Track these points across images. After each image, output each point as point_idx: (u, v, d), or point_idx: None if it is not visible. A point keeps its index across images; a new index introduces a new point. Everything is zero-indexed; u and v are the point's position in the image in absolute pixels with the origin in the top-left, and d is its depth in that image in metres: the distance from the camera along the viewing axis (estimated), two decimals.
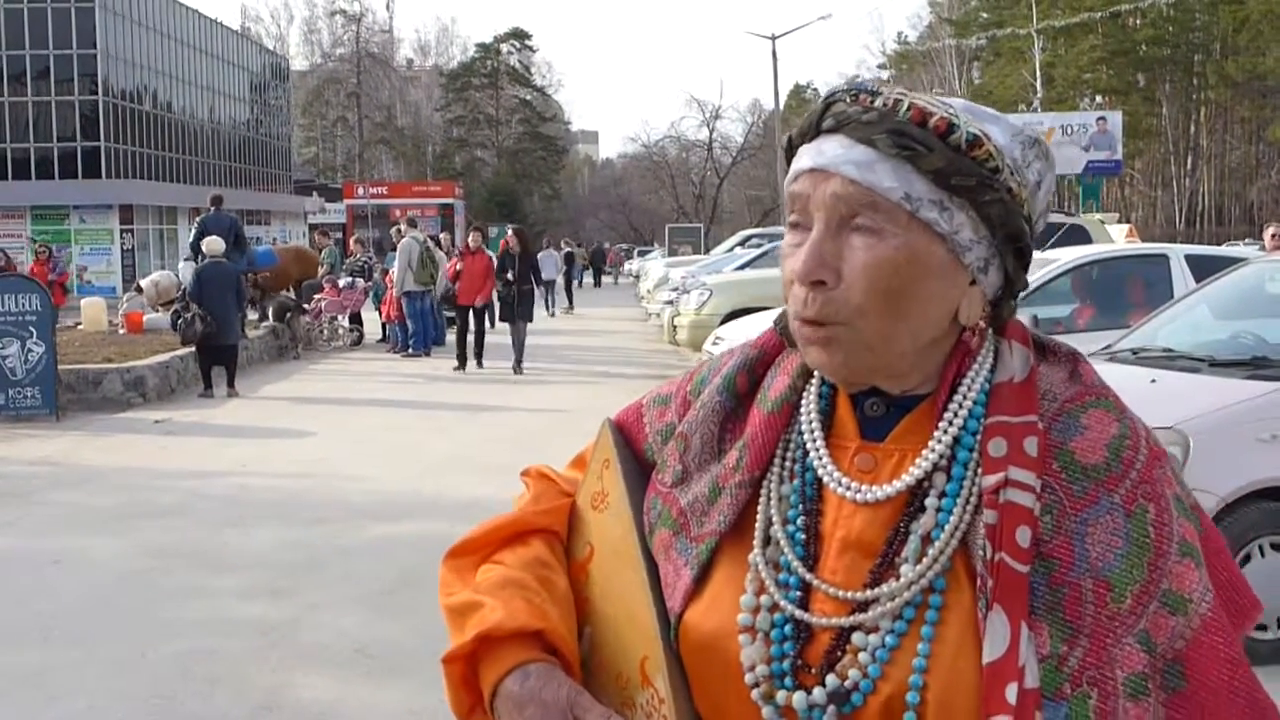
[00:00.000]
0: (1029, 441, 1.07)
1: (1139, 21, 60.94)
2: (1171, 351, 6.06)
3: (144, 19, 51.22)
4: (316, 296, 19.27)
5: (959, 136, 1.08)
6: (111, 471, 9.47)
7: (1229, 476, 5.03)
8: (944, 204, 1.07)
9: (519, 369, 15.90)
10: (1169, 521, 1.07)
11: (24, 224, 40.61)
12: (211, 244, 14.38)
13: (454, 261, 16.89)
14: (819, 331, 1.09)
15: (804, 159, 1.12)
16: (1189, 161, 62.99)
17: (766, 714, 1.08)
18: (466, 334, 16.36)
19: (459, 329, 16.60)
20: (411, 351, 18.15)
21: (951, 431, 1.10)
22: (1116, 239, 15.78)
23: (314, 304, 19.24)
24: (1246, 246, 17.73)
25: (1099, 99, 61.06)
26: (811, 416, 1.17)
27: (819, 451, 1.14)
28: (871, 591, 1.07)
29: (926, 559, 1.06)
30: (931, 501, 1.08)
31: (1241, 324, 6.38)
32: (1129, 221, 35.24)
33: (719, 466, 1.19)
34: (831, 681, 1.06)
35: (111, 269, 40.61)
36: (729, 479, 1.18)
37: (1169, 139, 61.55)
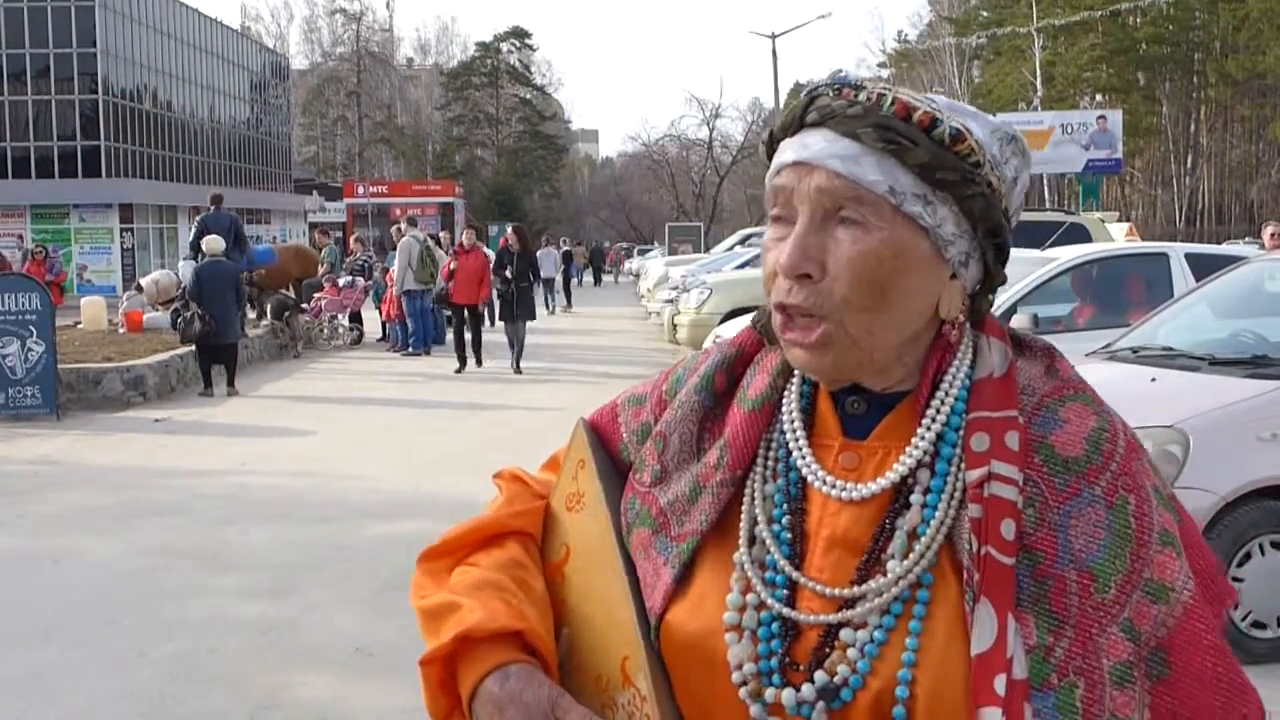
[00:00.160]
0: (1010, 436, 1.08)
1: (1139, 20, 60.92)
2: (1171, 350, 6.06)
3: (144, 18, 51.20)
4: (316, 295, 19.27)
5: (942, 131, 1.08)
6: (111, 471, 9.47)
7: (1229, 475, 5.04)
8: (928, 198, 1.08)
9: (518, 368, 15.88)
10: (1149, 512, 1.08)
11: (24, 223, 40.61)
12: (211, 243, 14.39)
13: (449, 260, 16.82)
14: (804, 324, 1.09)
15: (787, 153, 1.12)
16: (1189, 160, 62.96)
17: (755, 712, 1.08)
18: (464, 334, 16.31)
19: (456, 329, 16.56)
20: (411, 350, 18.15)
21: (935, 428, 1.10)
22: (1116, 237, 15.78)
23: (314, 303, 19.24)
24: (1246, 245, 17.70)
25: (1099, 97, 61.04)
26: (794, 415, 1.16)
27: (802, 450, 1.14)
28: (859, 588, 1.07)
29: (913, 554, 1.07)
30: (916, 498, 1.09)
31: (1241, 323, 6.38)
32: (1129, 220, 35.21)
33: (699, 466, 1.19)
34: (820, 678, 1.06)
35: (111, 268, 40.58)
36: (710, 478, 1.17)
37: (1169, 137, 61.52)
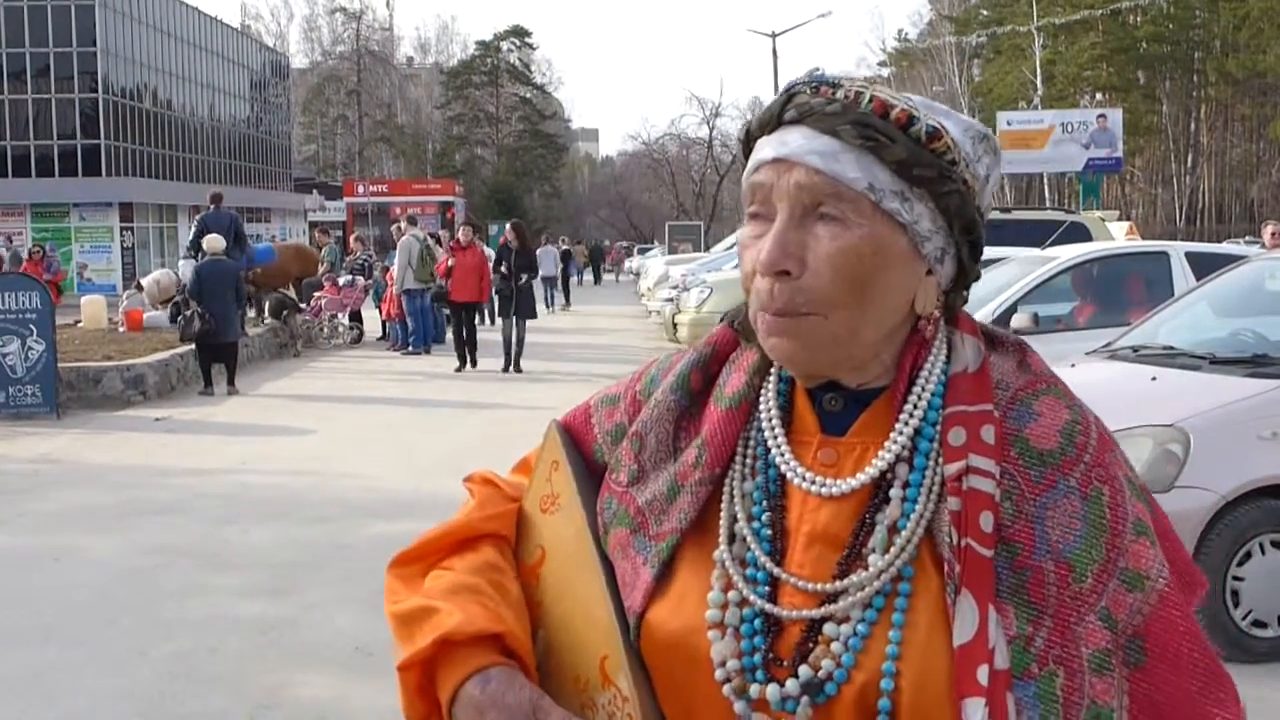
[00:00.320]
0: (986, 430, 1.09)
1: (1139, 19, 60.94)
2: (1172, 349, 6.06)
3: (144, 16, 51.21)
4: (317, 294, 19.27)
5: (919, 129, 1.10)
6: (111, 469, 9.47)
7: (1229, 474, 5.04)
8: (905, 194, 1.09)
9: (518, 367, 15.84)
10: (1123, 502, 1.10)
11: (24, 222, 40.61)
12: (212, 242, 14.39)
13: (445, 258, 16.68)
14: (785, 323, 1.09)
15: (766, 150, 1.12)
16: (1189, 159, 62.97)
17: (739, 708, 1.08)
18: (463, 332, 16.22)
19: (455, 327, 16.49)
20: (411, 349, 18.15)
21: (913, 423, 1.11)
22: (1117, 236, 15.78)
23: (314, 302, 19.24)
24: (1247, 244, 17.70)
25: (1099, 96, 61.06)
26: (771, 413, 1.17)
27: (781, 447, 1.15)
28: (840, 583, 1.08)
29: (894, 548, 1.08)
30: (896, 492, 1.10)
31: (1242, 322, 6.38)
32: (1129, 219, 35.24)
33: (676, 465, 1.19)
34: (804, 673, 1.06)
35: (111, 267, 40.59)
36: (689, 477, 1.17)
37: (1169, 136, 61.53)
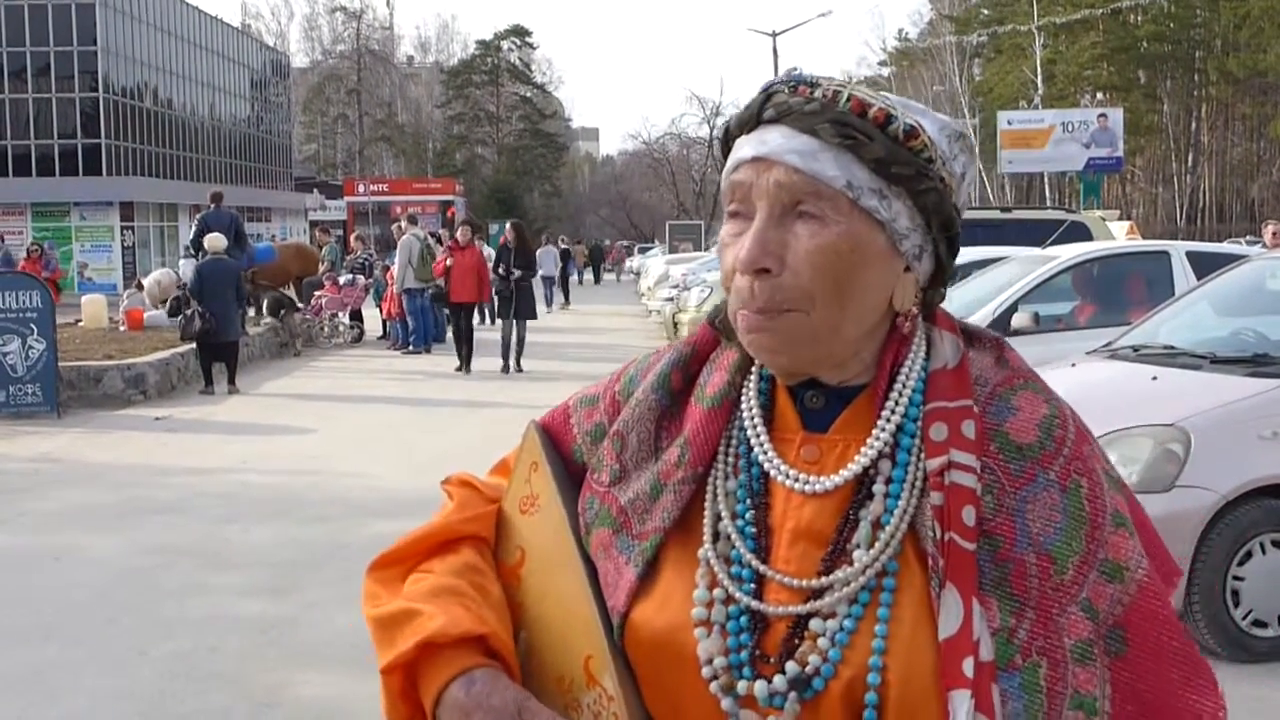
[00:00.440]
0: (966, 425, 1.11)
1: (1140, 18, 60.93)
2: (1173, 349, 6.06)
3: (144, 15, 51.21)
4: (317, 293, 19.27)
5: (897, 127, 1.11)
6: (112, 468, 9.47)
7: (1230, 474, 5.04)
8: (883, 192, 1.10)
9: (519, 367, 15.82)
10: (1102, 495, 1.11)
11: (25, 221, 40.60)
12: (212, 241, 14.39)
13: (443, 257, 16.52)
14: (765, 320, 1.10)
15: (745, 149, 1.13)
16: (1190, 158, 62.96)
17: (726, 705, 1.09)
18: (462, 332, 16.13)
19: (454, 327, 16.43)
20: (412, 349, 18.15)
21: (895, 419, 1.13)
22: (1117, 236, 15.77)
23: (314, 301, 19.24)
24: (1248, 244, 17.71)
25: (1100, 95, 61.06)
26: (753, 411, 1.18)
27: (763, 445, 1.16)
28: (826, 579, 1.09)
29: (879, 543, 1.09)
30: (879, 487, 1.11)
31: (1243, 321, 6.38)
32: (1130, 218, 35.24)
33: (659, 464, 1.19)
34: (791, 669, 1.07)
35: (112, 266, 40.56)
36: (671, 476, 1.18)
37: (1170, 136, 61.52)
